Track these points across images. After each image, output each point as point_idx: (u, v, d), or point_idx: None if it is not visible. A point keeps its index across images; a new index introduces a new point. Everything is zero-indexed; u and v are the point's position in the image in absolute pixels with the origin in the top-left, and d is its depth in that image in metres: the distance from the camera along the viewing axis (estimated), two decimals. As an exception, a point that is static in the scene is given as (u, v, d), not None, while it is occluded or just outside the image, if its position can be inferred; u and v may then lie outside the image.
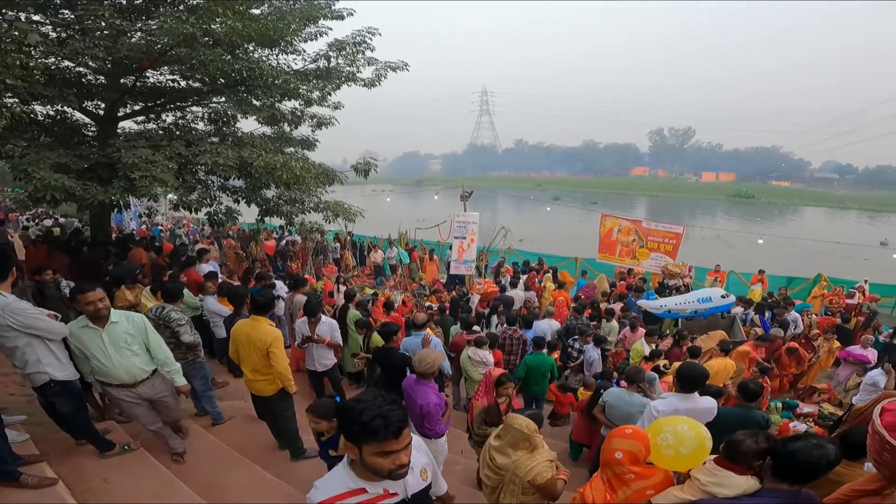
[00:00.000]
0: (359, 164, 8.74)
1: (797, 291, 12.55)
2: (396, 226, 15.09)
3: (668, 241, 10.97)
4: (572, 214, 32.62)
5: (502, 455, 2.64)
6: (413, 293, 11.53)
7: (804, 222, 41.25)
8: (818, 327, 8.63)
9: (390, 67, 8.61)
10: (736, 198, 61.21)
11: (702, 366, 3.83)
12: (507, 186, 66.79)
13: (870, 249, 21.14)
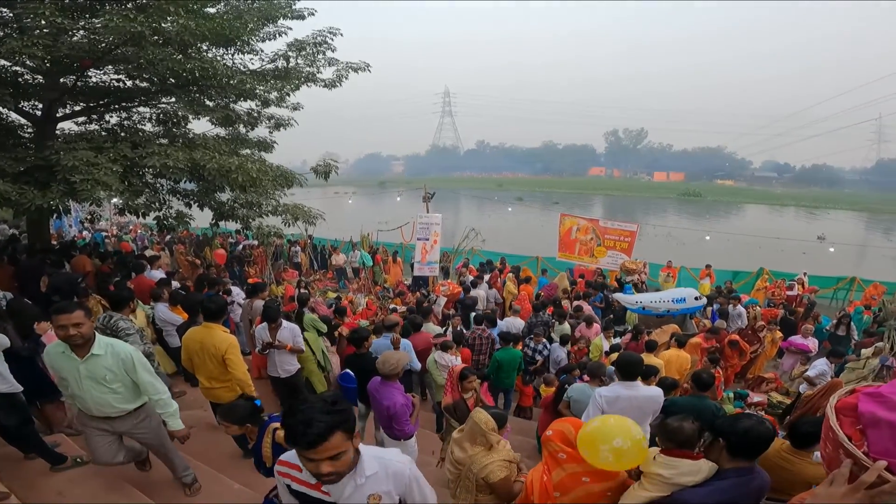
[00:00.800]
0: (319, 166, 8.57)
1: (742, 285, 13.33)
2: (359, 228, 14.89)
3: (624, 239, 11.41)
4: (533, 214, 33.27)
5: (460, 448, 2.68)
6: (377, 296, 11.43)
7: (747, 219, 43.80)
8: (762, 319, 9.19)
9: (352, 68, 8.50)
10: (685, 196, 64.25)
11: (637, 354, 4.00)
12: (469, 187, 67.37)
13: (808, 244, 22.76)
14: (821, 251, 20.45)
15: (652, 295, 8.71)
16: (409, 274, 12.99)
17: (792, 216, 47.88)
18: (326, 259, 14.68)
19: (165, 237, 14.40)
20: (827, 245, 21.92)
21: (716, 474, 1.99)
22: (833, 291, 13.53)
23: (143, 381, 2.83)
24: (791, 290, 11.53)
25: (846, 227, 39.23)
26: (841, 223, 41.45)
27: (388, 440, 3.73)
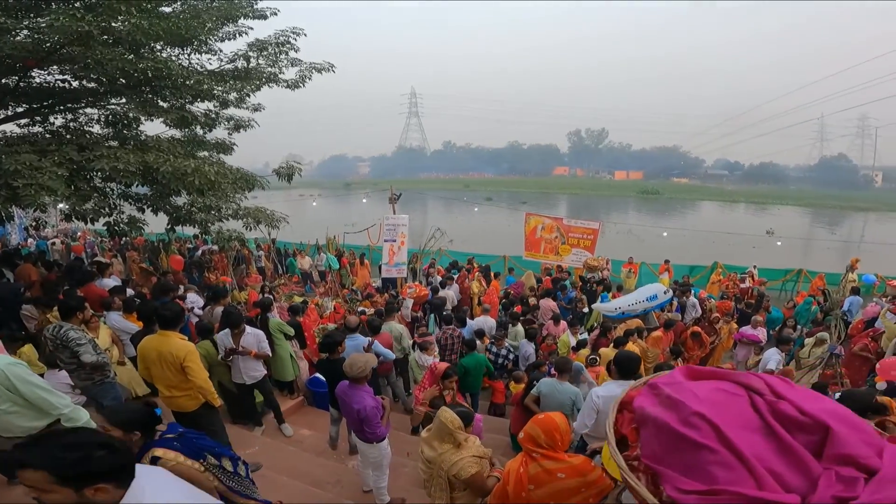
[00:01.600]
0: (281, 168, 8.38)
1: (699, 279, 13.94)
2: (324, 230, 14.64)
3: (587, 236, 11.71)
4: (500, 214, 33.64)
5: (430, 447, 2.70)
6: (345, 299, 11.28)
7: (701, 215, 45.76)
8: (717, 311, 9.62)
9: (315, 69, 8.37)
10: (644, 194, 66.44)
11: (634, 352, 4.13)
12: (436, 188, 67.50)
13: (757, 238, 23.97)
14: (769, 245, 21.61)
15: (627, 298, 8.91)
16: (377, 276, 12.90)
17: (742, 212, 50.33)
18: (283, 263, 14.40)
19: (119, 243, 13.73)
20: (775, 239, 23.19)
21: None
22: (782, 283, 14.32)
23: (32, 396, 2.60)
24: (743, 282, 12.14)
25: (792, 221, 41.67)
26: (787, 218, 43.98)
27: (360, 443, 3.72)
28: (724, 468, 1.36)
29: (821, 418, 1.48)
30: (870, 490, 1.32)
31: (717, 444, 1.41)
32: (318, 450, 4.81)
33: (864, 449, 1.43)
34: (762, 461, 1.38)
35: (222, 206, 7.97)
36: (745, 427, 1.49)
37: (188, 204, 7.96)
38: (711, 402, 1.57)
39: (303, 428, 5.29)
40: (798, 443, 1.44)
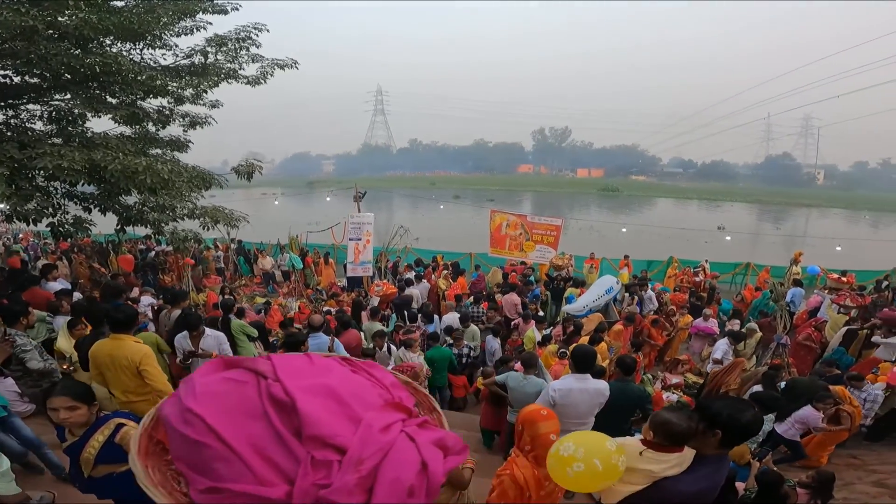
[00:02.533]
0: (241, 167, 8.14)
1: (656, 273, 14.51)
2: (287, 230, 14.33)
3: (550, 233, 11.97)
4: (466, 211, 33.88)
5: None
6: (309, 299, 11.11)
7: (658, 211, 47.51)
8: (672, 304, 10.04)
9: (278, 65, 8.19)
10: (604, 192, 68.43)
11: (591, 346, 4.27)
12: (402, 186, 67.18)
13: (709, 233, 25.20)
14: (720, 240, 22.76)
15: (590, 295, 9.07)
16: (343, 275, 12.76)
17: (695, 208, 52.62)
18: (252, 263, 14.02)
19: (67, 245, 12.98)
20: (725, 234, 24.45)
21: (696, 459, 2.02)
22: (731, 276, 15.10)
23: None
24: (696, 276, 12.73)
25: (741, 217, 44.04)
26: (736, 214, 46.47)
27: None
28: (224, 463, 1.33)
29: (294, 396, 1.44)
30: (340, 475, 1.30)
31: (211, 439, 1.37)
32: None
33: (334, 428, 1.39)
34: (262, 450, 1.36)
35: (177, 205, 7.69)
36: (249, 415, 1.45)
37: (139, 203, 7.64)
38: (213, 394, 1.52)
39: None
40: (286, 427, 1.40)
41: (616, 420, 3.89)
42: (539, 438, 2.42)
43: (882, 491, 4.66)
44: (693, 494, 1.97)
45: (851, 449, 5.50)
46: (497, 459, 4.81)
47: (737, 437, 2.01)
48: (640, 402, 4.10)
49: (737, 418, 1.93)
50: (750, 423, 1.95)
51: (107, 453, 2.19)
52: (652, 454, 2.01)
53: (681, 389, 6.88)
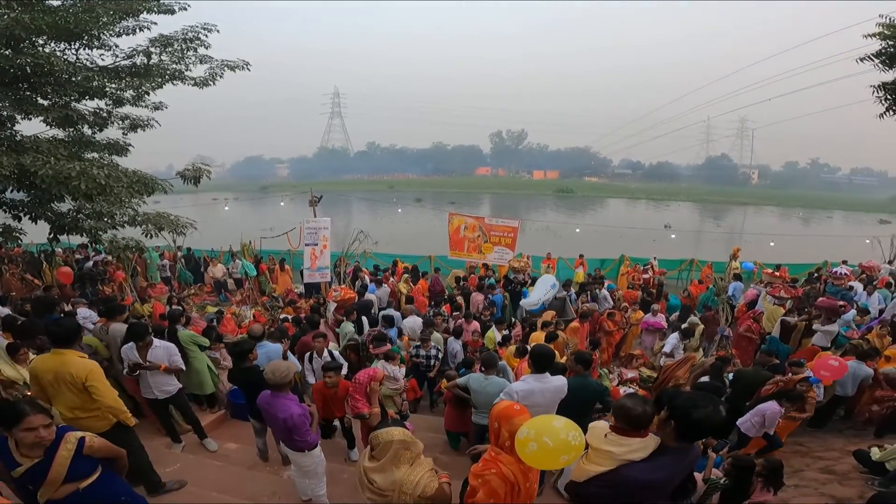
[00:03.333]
0: (187, 171, 7.78)
1: (609, 271, 15.06)
2: (239, 236, 13.80)
3: (507, 234, 12.16)
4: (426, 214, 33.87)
5: (383, 474, 2.40)
6: (265, 306, 10.74)
7: (609, 211, 49.47)
8: (625, 300, 10.44)
9: (228, 66, 7.91)
10: (559, 193, 70.47)
11: (549, 346, 4.35)
12: (360, 189, 66.34)
13: (656, 232, 26.43)
14: (666, 238, 23.91)
15: (539, 291, 9.29)
16: (300, 282, 12.43)
17: (644, 208, 55.04)
18: (202, 271, 13.40)
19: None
20: (671, 232, 25.73)
21: (659, 449, 2.10)
22: (678, 272, 15.91)
23: None
24: (645, 273, 13.31)
25: (685, 216, 46.52)
26: (681, 213, 49.03)
27: (291, 453, 3.61)
28: None
29: None
30: None
31: None
32: (249, 463, 4.63)
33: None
34: None
35: (116, 212, 7.25)
36: None
37: (73, 210, 7.15)
38: None
39: (228, 442, 5.07)
40: None
41: (577, 413, 3.93)
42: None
43: (830, 477, 4.88)
44: (646, 482, 2.04)
45: (796, 437, 5.70)
46: (464, 461, 4.80)
47: (690, 431, 2.06)
48: (600, 395, 4.23)
49: (688, 412, 2.00)
50: (702, 418, 1.98)
51: (75, 469, 2.20)
52: (615, 437, 2.14)
53: (636, 383, 7.14)
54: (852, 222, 42.13)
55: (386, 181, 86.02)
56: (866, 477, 4.78)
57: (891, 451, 4.70)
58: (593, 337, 7.68)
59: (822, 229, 35.45)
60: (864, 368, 5.91)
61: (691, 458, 2.22)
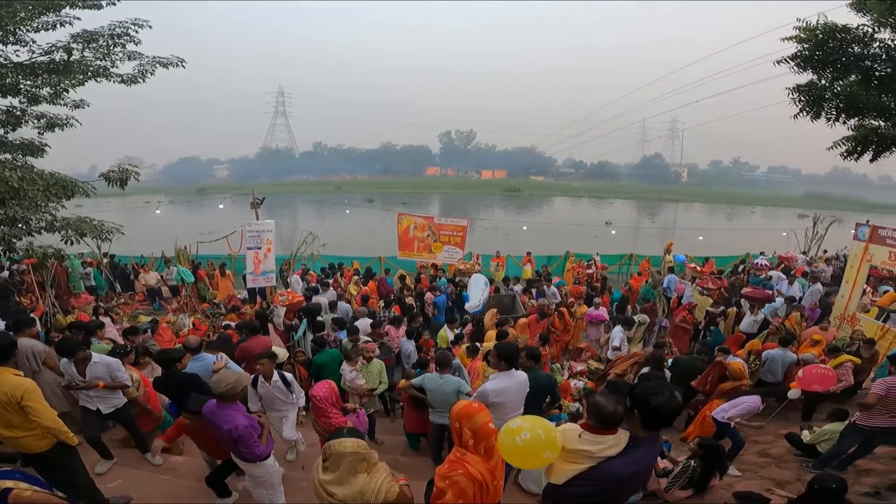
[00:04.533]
0: (112, 173, 7.22)
1: (555, 267, 15.59)
2: (173, 241, 13.00)
3: (457, 233, 12.27)
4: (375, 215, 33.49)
5: (342, 486, 2.33)
6: (205, 314, 10.21)
7: (554, 209, 51.22)
8: (572, 295, 10.85)
9: (160, 63, 7.44)
10: (507, 192, 71.97)
11: (514, 343, 4.44)
12: (306, 191, 64.41)
13: (598, 228, 27.66)
14: (607, 234, 25.09)
15: (476, 292, 9.26)
16: (242, 287, 11.91)
17: (586, 206, 57.45)
18: (131, 280, 12.52)
19: None
20: (611, 229, 27.05)
21: (631, 442, 2.16)
22: (618, 267, 16.75)
23: None
24: (589, 268, 13.90)
25: (624, 213, 49.07)
26: (620, 210, 51.70)
27: (243, 463, 3.48)
28: None
29: None
30: None
31: None
32: (199, 475, 4.37)
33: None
34: None
35: (31, 217, 6.62)
36: None
37: (-19, 216, 6.47)
38: None
39: (174, 454, 4.83)
40: None
41: (530, 405, 4.08)
42: (480, 430, 2.48)
43: (768, 461, 5.22)
44: (627, 476, 2.13)
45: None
46: (425, 461, 4.81)
47: (654, 419, 2.13)
48: (550, 387, 4.39)
49: (648, 401, 2.09)
50: (661, 406, 2.07)
51: None
52: (589, 436, 2.18)
53: (585, 376, 7.44)
54: (771, 217, 46.16)
55: (333, 182, 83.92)
56: (801, 459, 5.08)
57: (819, 433, 5.02)
58: (543, 332, 7.92)
59: (745, 223, 38.58)
60: (789, 355, 6.41)
61: (659, 444, 2.35)
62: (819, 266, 13.20)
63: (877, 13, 4.58)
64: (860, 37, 4.81)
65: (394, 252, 13.01)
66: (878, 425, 4.43)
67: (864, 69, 4.91)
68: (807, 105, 5.27)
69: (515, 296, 10.41)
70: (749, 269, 12.97)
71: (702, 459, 4.11)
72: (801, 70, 5.24)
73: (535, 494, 3.85)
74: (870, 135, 5.07)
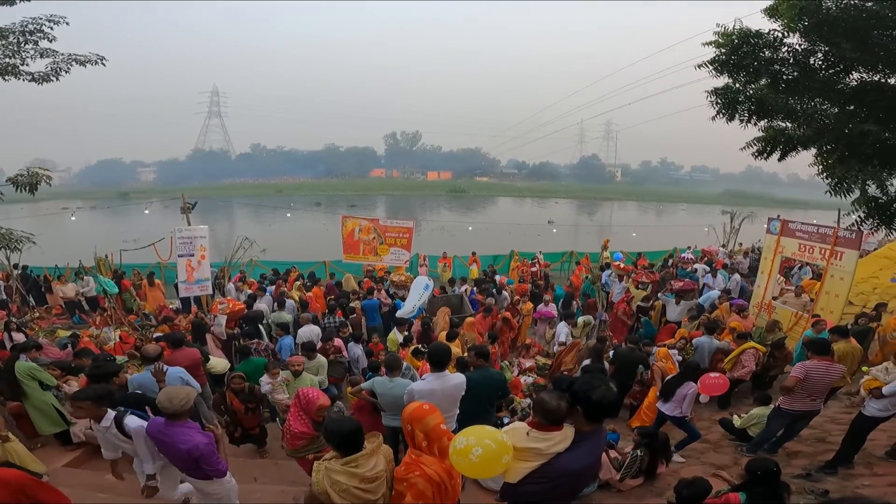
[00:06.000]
0: (20, 177, 6.53)
1: (500, 266, 15.93)
2: (93, 249, 11.95)
3: (403, 235, 12.22)
4: (319, 219, 32.60)
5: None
6: (133, 326, 9.50)
7: (499, 209, 52.29)
8: (517, 293, 11.09)
9: (77, 60, 6.81)
10: (452, 193, 72.56)
11: (445, 344, 4.43)
12: (244, 194, 61.29)
13: (541, 227, 28.58)
14: (549, 233, 26.00)
15: (413, 298, 9.14)
16: (175, 296, 11.18)
17: (529, 205, 59.14)
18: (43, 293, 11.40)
19: None
20: (553, 227, 28.06)
21: (577, 436, 2.21)
22: (560, 264, 17.39)
23: None
24: (533, 266, 14.32)
25: (564, 212, 51.07)
26: (561, 209, 53.74)
27: (196, 481, 3.26)
28: None
29: None
30: None
31: None
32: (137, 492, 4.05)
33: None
34: None
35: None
36: None
37: None
38: None
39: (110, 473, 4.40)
40: None
41: (483, 405, 4.15)
42: (432, 432, 2.49)
43: (706, 446, 5.47)
44: (579, 470, 2.21)
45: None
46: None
47: (596, 412, 2.20)
48: (501, 384, 4.41)
49: (588, 394, 2.16)
50: (601, 398, 2.15)
51: None
52: (537, 434, 2.22)
53: (534, 372, 7.64)
54: (695, 213, 49.79)
55: (274, 185, 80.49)
56: (735, 444, 5.36)
57: (748, 417, 5.31)
58: (492, 331, 8.04)
59: (672, 220, 41.36)
60: (714, 342, 6.84)
61: (604, 436, 2.43)
62: (737, 258, 14.44)
63: (787, 19, 4.84)
64: (771, 42, 5.09)
65: (339, 256, 12.73)
66: (800, 408, 4.59)
67: (773, 73, 5.21)
68: (723, 108, 5.48)
69: (462, 296, 10.52)
70: (677, 262, 13.93)
71: (646, 447, 4.33)
72: (718, 74, 5.45)
73: (494, 492, 3.89)
74: (778, 136, 5.37)
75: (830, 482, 4.18)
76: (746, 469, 3.25)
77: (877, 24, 4.53)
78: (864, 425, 4.34)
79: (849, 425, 4.53)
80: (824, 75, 5.01)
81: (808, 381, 4.44)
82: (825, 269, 8.13)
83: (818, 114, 5.12)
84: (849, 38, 4.57)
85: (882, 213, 4.84)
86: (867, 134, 4.39)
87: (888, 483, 4.12)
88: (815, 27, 4.71)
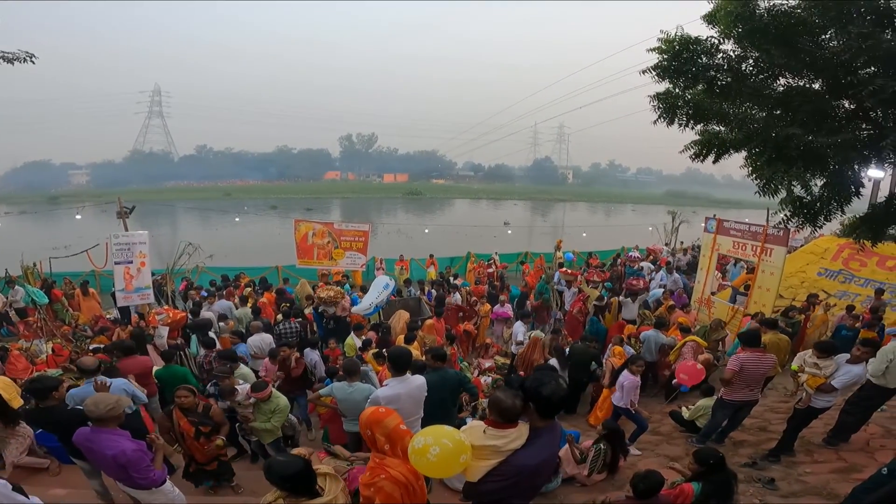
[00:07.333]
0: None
1: (458, 268, 16.01)
2: (18, 257, 10.99)
3: (359, 238, 12.02)
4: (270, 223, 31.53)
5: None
6: (66, 338, 8.81)
7: (455, 211, 52.69)
8: (474, 295, 11.17)
9: (4, 58, 6.31)
10: (409, 195, 72.31)
11: (405, 347, 4.38)
12: (188, 198, 58.28)
13: (496, 229, 29.02)
14: (505, 234, 26.43)
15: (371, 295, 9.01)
16: (112, 305, 10.45)
17: (485, 207, 59.90)
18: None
19: None
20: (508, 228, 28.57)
21: (532, 432, 2.25)
22: (516, 265, 17.69)
23: None
24: (489, 267, 14.50)
25: (519, 213, 52.12)
26: (516, 210, 54.84)
27: (135, 492, 3.11)
28: None
29: None
30: None
31: None
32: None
33: None
34: None
35: None
36: None
37: None
38: None
39: (55, 488, 4.25)
40: None
41: (443, 405, 4.12)
42: (393, 433, 2.48)
43: (659, 438, 5.66)
44: (537, 465, 2.24)
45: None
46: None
47: (547, 408, 2.26)
48: (461, 383, 4.39)
49: (539, 391, 2.22)
50: (551, 394, 2.21)
51: None
52: (493, 431, 2.25)
53: (493, 371, 7.74)
54: (641, 213, 52.22)
55: (222, 188, 76.81)
56: (686, 435, 5.58)
57: (695, 409, 5.54)
58: (451, 332, 8.06)
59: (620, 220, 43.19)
60: (661, 337, 7.18)
61: (558, 431, 2.47)
62: (678, 256, 15.26)
63: (723, 25, 5.07)
64: (707, 48, 5.30)
65: (292, 261, 12.36)
66: (740, 398, 4.83)
67: (709, 79, 5.43)
68: (663, 112, 5.70)
69: (420, 299, 10.48)
70: (625, 261, 14.54)
71: (607, 440, 4.45)
72: (660, 79, 5.63)
73: (459, 492, 3.91)
74: (712, 139, 5.63)
75: (775, 470, 4.40)
76: (696, 459, 3.39)
77: (804, 31, 4.85)
78: (810, 416, 4.61)
79: (789, 414, 4.78)
80: (754, 81, 5.30)
81: (743, 373, 4.72)
82: (756, 265, 8.72)
83: (748, 118, 5.41)
84: (777, 45, 4.87)
85: (806, 212, 5.18)
86: (792, 137, 4.69)
87: (829, 469, 4.33)
88: (749, 34, 4.98)
